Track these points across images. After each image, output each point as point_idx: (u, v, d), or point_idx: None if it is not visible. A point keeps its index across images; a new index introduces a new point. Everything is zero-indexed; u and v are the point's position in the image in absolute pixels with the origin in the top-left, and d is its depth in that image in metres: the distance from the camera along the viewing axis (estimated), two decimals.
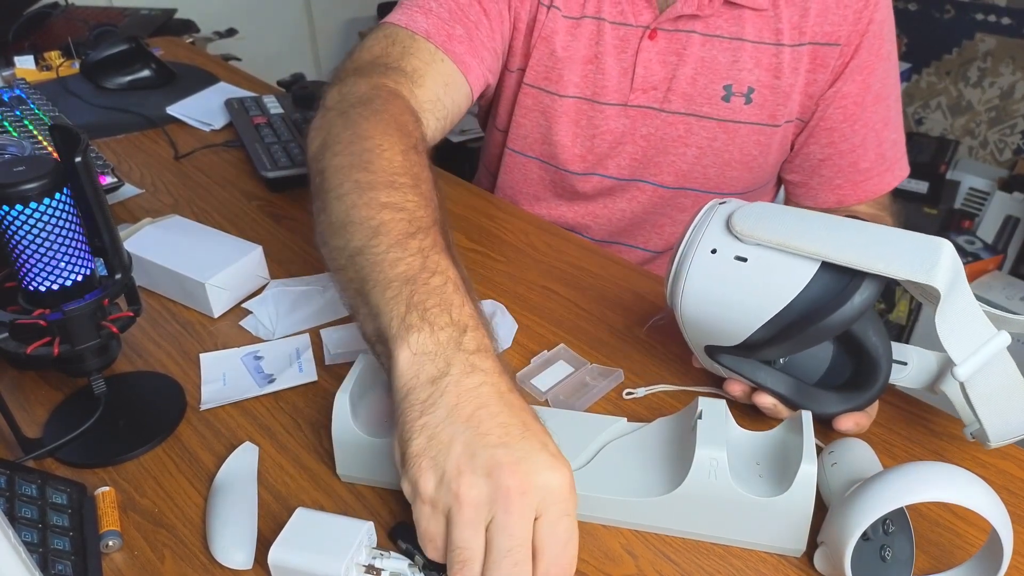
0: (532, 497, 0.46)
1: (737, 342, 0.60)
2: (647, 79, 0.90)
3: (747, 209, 0.59)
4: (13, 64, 1.36)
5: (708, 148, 0.93)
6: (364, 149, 0.64)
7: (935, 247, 0.53)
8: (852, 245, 0.54)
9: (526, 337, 0.76)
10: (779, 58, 0.87)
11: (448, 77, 0.83)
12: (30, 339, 0.60)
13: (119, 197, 1.00)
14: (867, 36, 0.86)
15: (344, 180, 0.62)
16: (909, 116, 2.57)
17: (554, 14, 0.90)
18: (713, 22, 0.87)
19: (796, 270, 0.56)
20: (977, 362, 0.54)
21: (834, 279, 0.55)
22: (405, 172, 0.63)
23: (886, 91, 0.91)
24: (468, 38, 0.85)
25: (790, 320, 0.56)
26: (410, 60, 0.81)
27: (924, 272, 0.52)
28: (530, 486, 0.46)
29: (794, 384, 0.62)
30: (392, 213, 0.59)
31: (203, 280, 0.77)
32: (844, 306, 0.54)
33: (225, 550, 0.56)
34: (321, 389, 0.71)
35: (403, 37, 0.83)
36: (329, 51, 3.01)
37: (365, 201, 0.60)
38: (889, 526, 0.53)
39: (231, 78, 1.38)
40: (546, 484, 0.47)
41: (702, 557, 0.56)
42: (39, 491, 0.57)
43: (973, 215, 2.36)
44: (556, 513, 0.47)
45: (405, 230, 0.57)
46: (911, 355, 0.64)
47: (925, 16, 2.47)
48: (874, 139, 0.92)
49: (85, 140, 0.57)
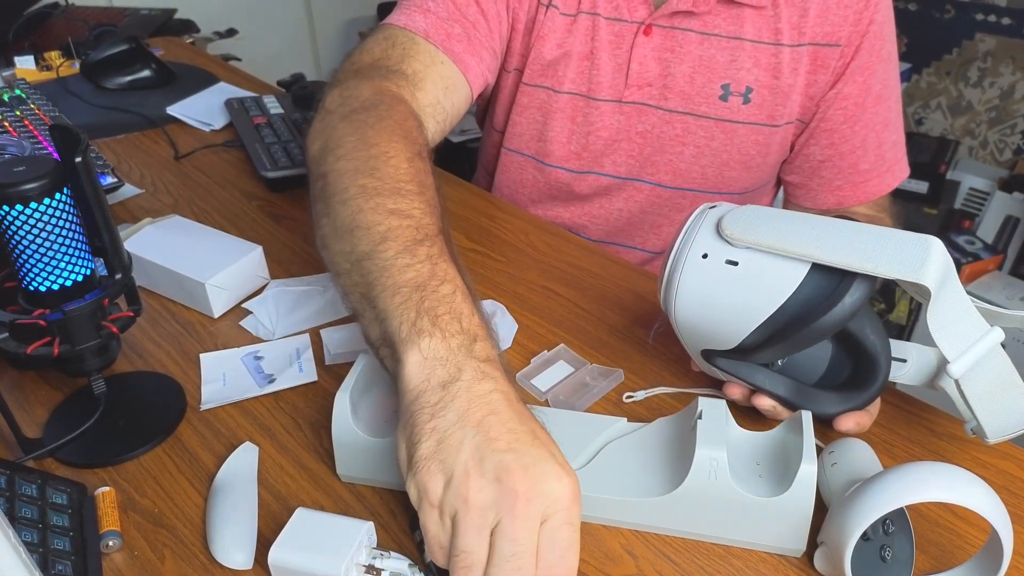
0: (538, 504, 0.46)
1: (732, 345, 0.60)
2: (642, 75, 0.90)
3: (736, 213, 0.59)
4: (13, 64, 1.36)
5: (706, 148, 0.93)
6: (370, 156, 0.64)
7: (924, 245, 0.53)
8: (841, 246, 0.54)
9: (526, 337, 0.76)
10: (778, 58, 0.87)
11: (448, 79, 0.83)
12: (30, 339, 0.60)
13: (119, 197, 1.00)
14: (867, 37, 0.86)
15: (349, 185, 0.62)
16: (909, 116, 2.57)
17: (552, 12, 0.90)
18: (711, 20, 0.87)
19: (787, 272, 0.56)
20: (971, 359, 0.54)
21: (825, 280, 0.55)
22: (411, 179, 0.63)
23: (887, 92, 0.90)
24: (467, 37, 0.85)
25: (783, 322, 0.56)
26: (410, 63, 0.81)
27: (913, 270, 0.52)
28: (536, 492, 0.46)
29: (793, 385, 0.62)
30: (399, 220, 0.58)
31: (203, 280, 0.77)
32: (836, 307, 0.54)
33: (225, 550, 0.56)
34: (321, 389, 0.71)
35: (402, 39, 0.83)
36: (329, 51, 3.01)
37: (372, 206, 0.60)
38: (889, 526, 0.53)
39: (231, 78, 1.38)
40: (552, 492, 0.47)
41: (702, 557, 0.56)
42: (39, 491, 0.57)
43: (973, 215, 2.36)
44: (559, 521, 0.47)
45: (413, 237, 0.57)
46: (910, 352, 0.64)
47: (925, 16, 2.46)
48: (874, 140, 0.92)
49: (85, 140, 0.57)
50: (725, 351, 0.61)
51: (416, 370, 0.51)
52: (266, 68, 1.90)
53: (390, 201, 0.60)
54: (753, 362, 0.62)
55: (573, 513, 0.48)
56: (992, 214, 2.32)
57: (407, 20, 0.84)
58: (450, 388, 0.50)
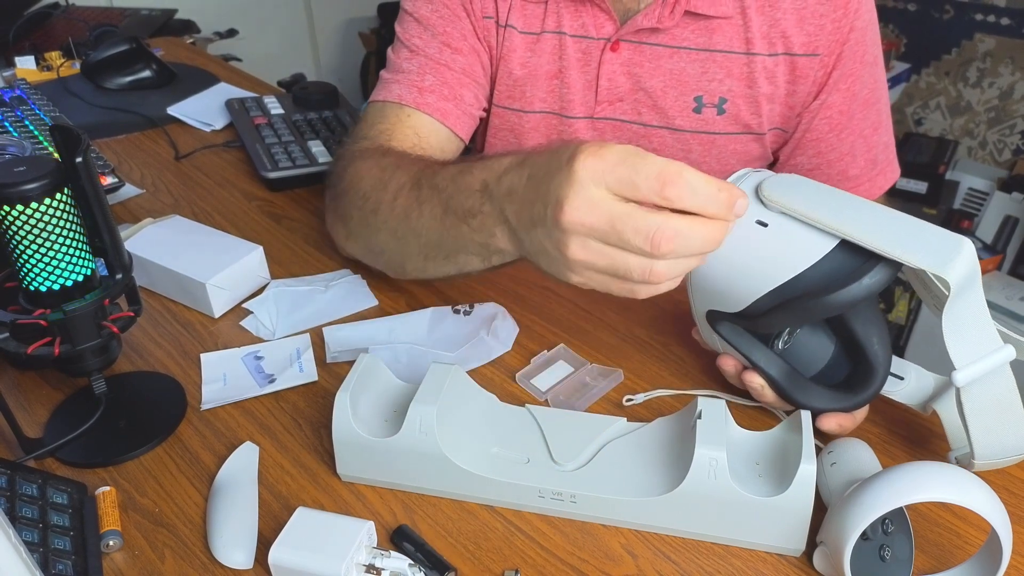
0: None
1: (741, 307, 0.59)
2: (612, 91, 0.90)
3: (779, 178, 0.59)
4: (14, 64, 1.36)
5: (685, 160, 0.92)
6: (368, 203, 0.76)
7: (956, 243, 0.53)
8: (874, 227, 0.54)
9: (526, 337, 0.76)
10: (751, 67, 0.86)
11: (420, 127, 0.87)
12: (31, 339, 0.60)
13: (119, 197, 1.00)
14: (848, 45, 0.84)
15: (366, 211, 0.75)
16: (908, 116, 2.57)
17: (510, 32, 0.91)
18: (679, 34, 0.86)
19: (814, 242, 0.56)
20: (978, 371, 0.54)
21: (849, 258, 0.55)
22: (385, 180, 0.74)
23: (874, 96, 0.90)
24: (440, 84, 0.89)
25: (797, 291, 0.56)
26: (380, 127, 0.87)
27: (940, 264, 0.52)
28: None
29: (787, 371, 0.62)
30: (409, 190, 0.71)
31: (203, 280, 0.77)
32: (853, 284, 0.54)
33: (225, 550, 0.56)
34: (321, 389, 0.71)
35: (373, 113, 0.89)
36: (329, 51, 3.02)
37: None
38: (888, 526, 0.53)
39: (231, 78, 1.38)
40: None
41: (702, 557, 0.56)
42: (40, 491, 0.57)
43: (972, 215, 2.36)
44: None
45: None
46: (910, 372, 0.64)
47: (924, 16, 2.47)
48: (863, 145, 0.91)
49: (86, 140, 0.57)
50: (730, 314, 0.61)
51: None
52: (266, 68, 1.90)
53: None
54: (757, 332, 0.62)
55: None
56: (991, 214, 2.33)
57: (386, 93, 0.89)
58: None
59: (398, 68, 0.91)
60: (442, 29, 0.90)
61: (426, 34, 0.90)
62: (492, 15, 0.90)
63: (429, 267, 0.73)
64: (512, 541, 0.57)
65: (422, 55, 0.90)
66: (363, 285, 0.83)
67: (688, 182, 0.51)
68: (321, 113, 1.16)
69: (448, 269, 0.72)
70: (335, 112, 1.17)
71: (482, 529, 0.58)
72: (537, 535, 0.58)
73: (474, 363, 0.72)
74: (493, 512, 0.59)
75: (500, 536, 0.58)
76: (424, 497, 0.60)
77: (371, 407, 0.62)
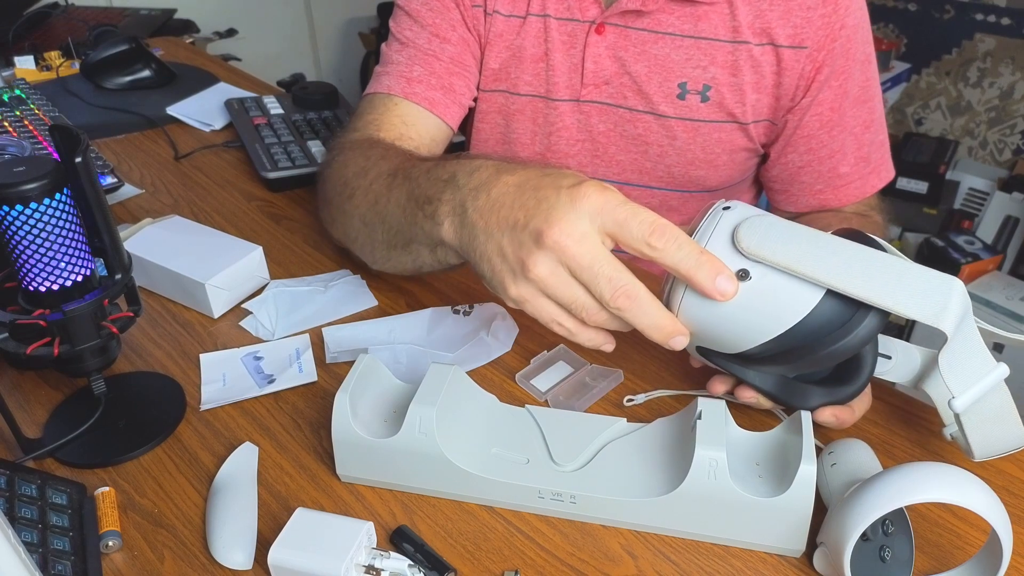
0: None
1: (733, 352, 0.59)
2: (597, 74, 0.90)
3: (753, 223, 0.56)
4: (13, 64, 1.36)
5: (669, 146, 0.92)
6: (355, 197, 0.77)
7: (946, 289, 0.52)
8: (862, 276, 0.53)
9: (526, 337, 0.76)
10: (736, 55, 0.86)
11: (406, 116, 0.89)
12: (30, 339, 0.60)
13: (119, 197, 1.00)
14: (839, 42, 0.84)
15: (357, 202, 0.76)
16: (909, 116, 2.57)
17: (495, 18, 0.92)
18: (663, 19, 0.86)
19: (801, 295, 0.54)
20: (974, 395, 0.54)
21: (839, 307, 0.54)
22: (368, 170, 0.75)
23: (866, 95, 0.89)
24: (428, 74, 0.90)
25: (790, 345, 0.55)
26: (367, 117, 0.89)
27: (933, 315, 0.52)
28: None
29: (780, 380, 0.62)
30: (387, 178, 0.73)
31: (203, 280, 0.77)
32: (847, 337, 0.53)
33: (225, 550, 0.56)
34: (321, 389, 0.71)
35: (365, 105, 0.91)
36: (329, 51, 3.02)
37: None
38: (889, 526, 0.53)
39: (231, 78, 1.38)
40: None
41: (702, 557, 0.56)
42: (39, 491, 0.57)
43: (973, 215, 2.37)
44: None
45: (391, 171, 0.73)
46: (896, 349, 0.63)
47: (925, 16, 2.47)
48: (854, 143, 0.90)
49: (85, 140, 0.57)
50: (724, 354, 0.61)
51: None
52: (266, 68, 1.90)
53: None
54: (750, 369, 0.62)
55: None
56: (991, 214, 2.33)
57: (376, 86, 0.91)
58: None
59: (389, 60, 0.92)
60: (432, 20, 0.91)
61: (416, 26, 0.91)
62: (480, 3, 0.91)
63: (392, 256, 0.74)
64: (512, 542, 0.57)
65: (412, 47, 0.91)
66: (363, 285, 0.83)
67: (676, 236, 0.54)
68: (321, 113, 1.16)
69: (406, 261, 0.73)
70: (335, 112, 1.17)
71: (482, 530, 0.58)
72: (537, 536, 0.58)
73: (474, 363, 0.72)
74: (493, 513, 0.59)
75: (500, 537, 0.58)
76: (424, 498, 0.60)
77: (371, 408, 0.62)
